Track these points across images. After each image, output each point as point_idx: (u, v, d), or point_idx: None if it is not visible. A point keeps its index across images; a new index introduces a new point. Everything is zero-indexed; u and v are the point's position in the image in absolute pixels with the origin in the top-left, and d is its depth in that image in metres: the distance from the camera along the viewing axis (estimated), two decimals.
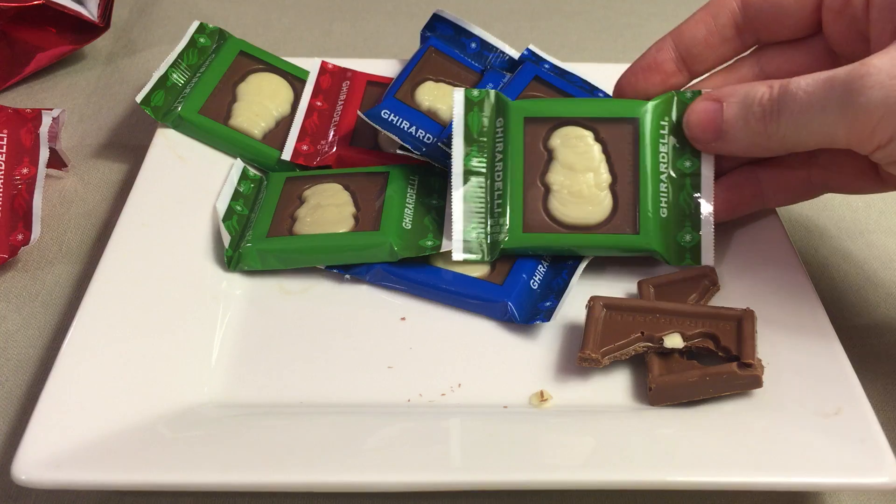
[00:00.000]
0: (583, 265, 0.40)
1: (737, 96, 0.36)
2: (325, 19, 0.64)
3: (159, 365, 0.35)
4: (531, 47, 0.49)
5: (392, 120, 0.44)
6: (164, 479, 0.30)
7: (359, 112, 0.45)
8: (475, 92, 0.41)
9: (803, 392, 0.34)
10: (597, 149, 0.40)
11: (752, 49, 0.41)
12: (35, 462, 0.30)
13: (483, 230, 0.40)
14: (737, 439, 0.32)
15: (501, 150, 0.40)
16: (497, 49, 0.49)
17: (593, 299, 0.37)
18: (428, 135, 0.44)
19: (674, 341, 0.35)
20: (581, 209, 0.40)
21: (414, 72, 0.47)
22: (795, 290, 0.38)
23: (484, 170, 0.40)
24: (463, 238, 0.40)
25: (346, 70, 0.50)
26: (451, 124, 0.43)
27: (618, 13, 0.66)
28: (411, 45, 0.53)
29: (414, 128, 0.44)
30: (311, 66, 0.50)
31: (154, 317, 0.37)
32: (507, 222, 0.39)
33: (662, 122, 0.40)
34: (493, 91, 0.41)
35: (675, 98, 0.40)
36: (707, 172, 0.40)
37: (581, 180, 0.40)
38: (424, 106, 0.45)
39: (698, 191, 0.40)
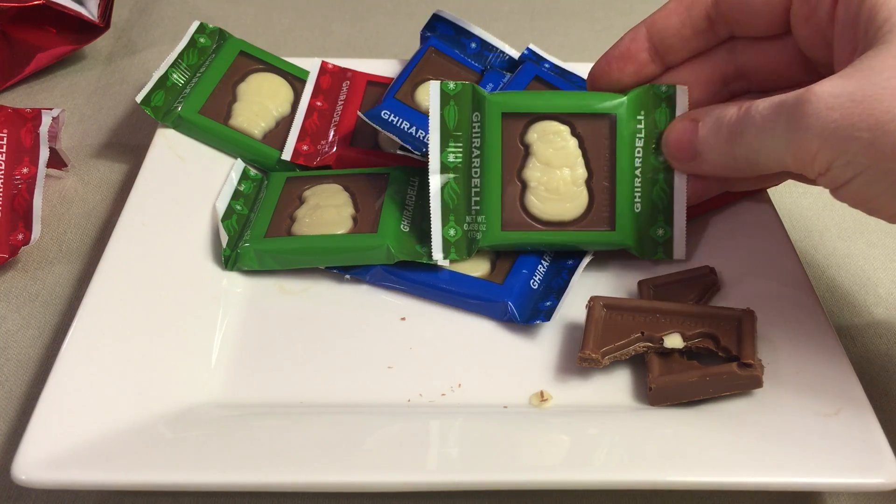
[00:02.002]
0: (583, 265, 0.40)
1: (711, 116, 0.37)
2: (325, 19, 0.64)
3: (159, 365, 0.35)
4: (531, 46, 0.49)
5: (392, 120, 0.44)
6: (164, 479, 0.30)
7: (359, 112, 0.45)
8: (451, 84, 0.40)
9: (803, 392, 0.34)
10: (573, 144, 0.40)
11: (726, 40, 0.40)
12: (35, 462, 0.30)
13: (461, 228, 0.40)
14: (737, 439, 0.32)
15: (479, 146, 0.40)
16: (497, 49, 0.49)
17: (593, 299, 0.37)
18: (428, 135, 0.43)
19: (674, 341, 0.35)
20: (558, 206, 0.40)
21: (414, 72, 0.47)
22: (795, 290, 0.38)
23: (461, 165, 0.40)
24: (442, 237, 0.39)
25: (346, 70, 0.50)
26: None
27: (618, 13, 0.66)
28: (411, 45, 0.53)
29: (414, 128, 0.44)
30: (311, 66, 0.50)
31: (154, 317, 0.37)
32: (485, 220, 0.40)
33: (638, 117, 0.40)
34: (469, 84, 0.40)
35: (651, 91, 0.40)
36: None
37: (558, 176, 0.40)
38: (424, 106, 0.45)
39: (671, 186, 0.40)
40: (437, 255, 0.39)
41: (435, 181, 0.39)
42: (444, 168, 0.39)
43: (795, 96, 0.32)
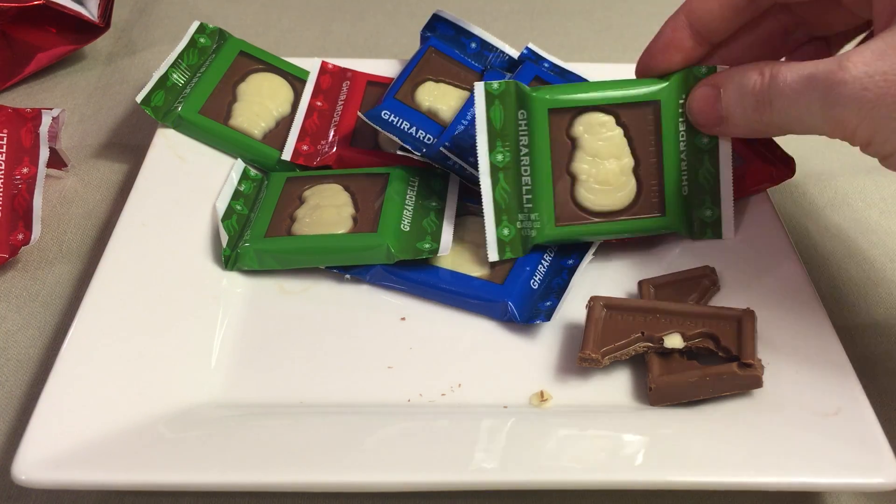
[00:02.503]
0: (583, 265, 0.40)
1: (733, 82, 0.37)
2: (325, 19, 0.64)
3: (159, 365, 0.35)
4: (531, 46, 0.49)
5: (392, 121, 0.44)
6: (164, 479, 0.30)
7: (359, 113, 0.45)
8: (495, 84, 0.39)
9: (803, 392, 0.34)
10: (619, 133, 0.40)
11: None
12: (35, 462, 0.30)
13: (515, 227, 0.40)
14: (737, 439, 0.32)
15: (527, 144, 0.40)
16: (497, 49, 0.49)
17: (593, 299, 0.37)
18: (428, 135, 0.44)
19: (674, 341, 0.35)
20: (608, 196, 0.40)
21: (414, 72, 0.47)
22: (795, 290, 0.38)
23: (511, 164, 0.40)
24: (497, 237, 0.39)
25: (346, 70, 0.50)
26: (451, 126, 0.43)
27: (618, 13, 0.66)
28: (411, 45, 0.53)
29: (414, 128, 0.44)
30: (311, 66, 0.50)
31: (154, 317, 0.37)
32: (539, 217, 0.40)
33: (680, 101, 0.40)
34: (512, 82, 0.40)
35: (691, 74, 0.40)
36: (725, 147, 0.40)
37: (606, 167, 0.40)
38: (425, 106, 0.45)
39: (716, 166, 0.40)
40: (493, 256, 0.39)
41: (486, 182, 0.39)
42: (494, 168, 0.39)
43: (826, 72, 0.32)
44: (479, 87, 0.39)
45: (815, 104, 0.33)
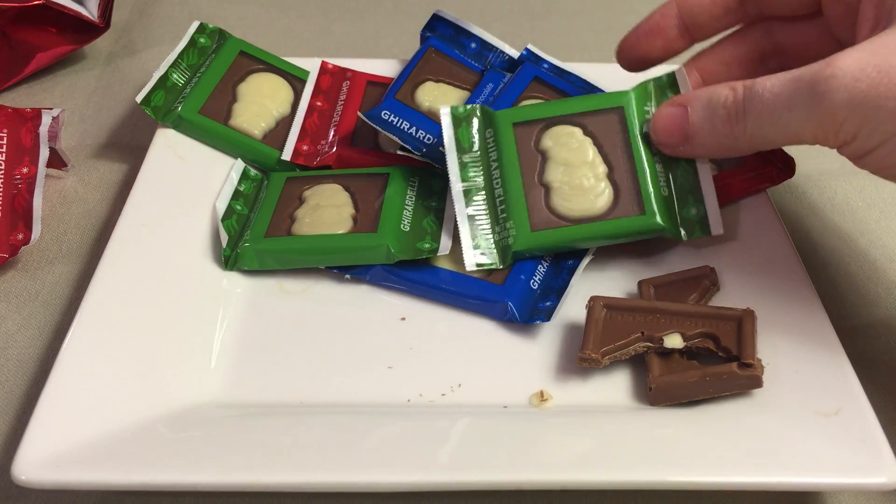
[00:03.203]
0: (583, 265, 0.40)
1: (701, 100, 0.37)
2: (325, 19, 0.64)
3: (159, 365, 0.35)
4: (530, 47, 0.49)
5: (392, 121, 0.44)
6: (164, 479, 0.30)
7: (359, 113, 0.45)
8: (460, 109, 0.41)
9: (803, 392, 0.34)
10: (588, 143, 0.41)
11: (759, 19, 0.41)
12: (35, 462, 0.30)
13: (491, 237, 0.40)
14: (737, 439, 0.32)
15: (496, 159, 0.41)
16: (497, 49, 0.49)
17: (593, 299, 0.37)
18: (428, 135, 0.44)
19: (674, 341, 0.35)
20: (584, 201, 0.40)
21: (414, 72, 0.47)
22: (795, 290, 0.38)
23: (482, 181, 0.40)
24: (472, 247, 0.40)
25: (346, 70, 0.50)
26: None
27: (618, 13, 0.66)
28: (411, 45, 0.53)
29: (414, 128, 0.44)
30: (311, 66, 0.50)
31: (154, 317, 0.37)
32: (514, 225, 0.39)
33: (646, 108, 0.41)
34: (477, 105, 0.41)
35: (654, 83, 0.41)
36: None
37: (580, 174, 0.40)
38: (424, 106, 0.45)
39: (692, 163, 0.40)
40: (470, 265, 0.39)
41: (459, 199, 0.40)
42: (466, 185, 0.40)
43: (813, 71, 0.32)
44: (446, 111, 0.41)
45: (799, 103, 0.33)
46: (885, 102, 0.31)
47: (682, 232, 0.40)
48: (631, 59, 0.42)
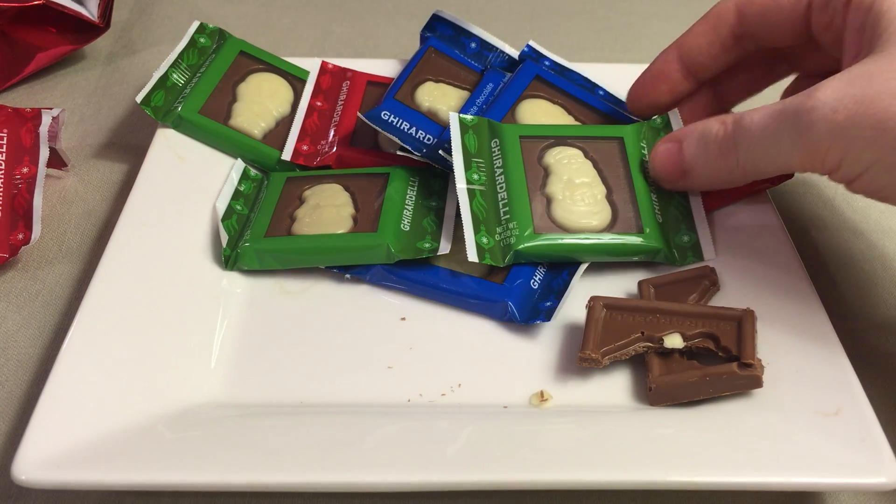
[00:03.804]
0: (583, 265, 0.40)
1: (694, 135, 0.39)
2: (325, 19, 0.64)
3: (159, 365, 0.35)
4: (531, 43, 0.49)
5: (392, 121, 0.44)
6: (164, 479, 0.30)
7: (359, 113, 0.45)
8: (468, 117, 0.42)
9: (803, 392, 0.34)
10: (589, 165, 0.42)
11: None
12: (35, 462, 0.30)
13: (494, 236, 0.40)
14: (737, 439, 0.32)
15: (501, 166, 0.41)
16: (497, 49, 0.49)
17: (593, 299, 0.37)
18: (428, 136, 0.44)
19: (674, 341, 0.35)
20: (585, 215, 0.40)
21: (414, 72, 0.47)
22: (795, 290, 0.38)
23: (485, 185, 0.41)
24: (475, 242, 0.39)
25: (346, 70, 0.50)
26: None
27: (618, 13, 0.66)
28: (411, 45, 0.53)
29: (414, 129, 0.44)
30: (311, 66, 0.50)
31: (154, 317, 0.37)
32: (517, 225, 0.40)
33: (642, 144, 0.43)
34: (485, 119, 0.42)
35: (648, 125, 0.43)
36: None
37: (581, 191, 0.41)
38: (424, 107, 0.45)
39: (686, 199, 0.42)
40: (472, 258, 0.39)
41: (464, 198, 0.40)
42: (471, 186, 0.40)
43: (796, 103, 0.34)
44: (454, 117, 0.41)
45: (785, 135, 0.34)
46: (863, 132, 0.32)
47: (676, 254, 0.41)
48: (641, 106, 0.44)
